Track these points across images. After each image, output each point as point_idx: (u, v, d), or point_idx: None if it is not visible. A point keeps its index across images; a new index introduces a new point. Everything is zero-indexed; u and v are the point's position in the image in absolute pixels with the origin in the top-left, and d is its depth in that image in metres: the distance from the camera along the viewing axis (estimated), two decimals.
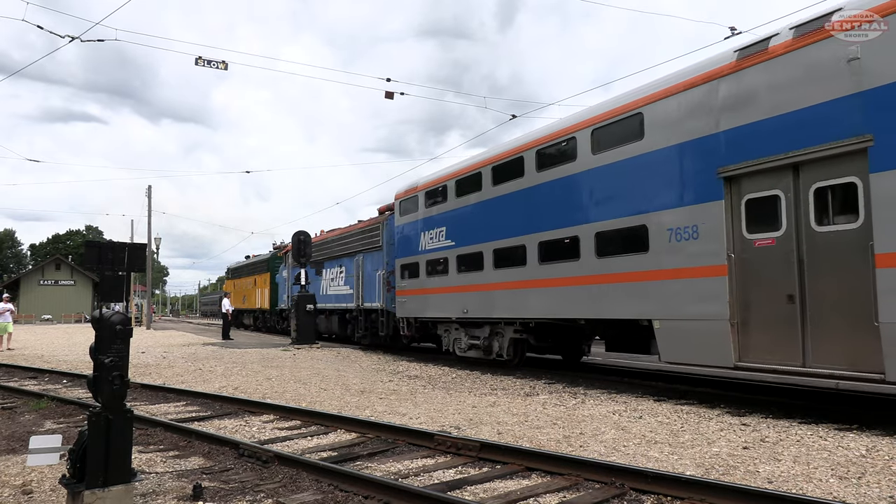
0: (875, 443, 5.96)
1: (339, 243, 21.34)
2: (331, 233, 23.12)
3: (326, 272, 22.32)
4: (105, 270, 4.50)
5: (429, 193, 15.16)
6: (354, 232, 20.24)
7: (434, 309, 14.66)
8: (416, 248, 15.43)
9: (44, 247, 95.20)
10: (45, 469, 5.39)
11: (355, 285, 19.51)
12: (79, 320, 55.95)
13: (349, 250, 20.43)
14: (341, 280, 20.98)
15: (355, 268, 19.65)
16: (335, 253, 21.59)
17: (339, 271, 21.18)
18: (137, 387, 10.32)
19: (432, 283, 14.73)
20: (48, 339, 25.83)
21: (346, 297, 20.47)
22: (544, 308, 11.07)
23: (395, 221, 16.89)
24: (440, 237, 14.45)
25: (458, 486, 4.85)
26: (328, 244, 22.45)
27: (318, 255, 22.57)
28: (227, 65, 14.09)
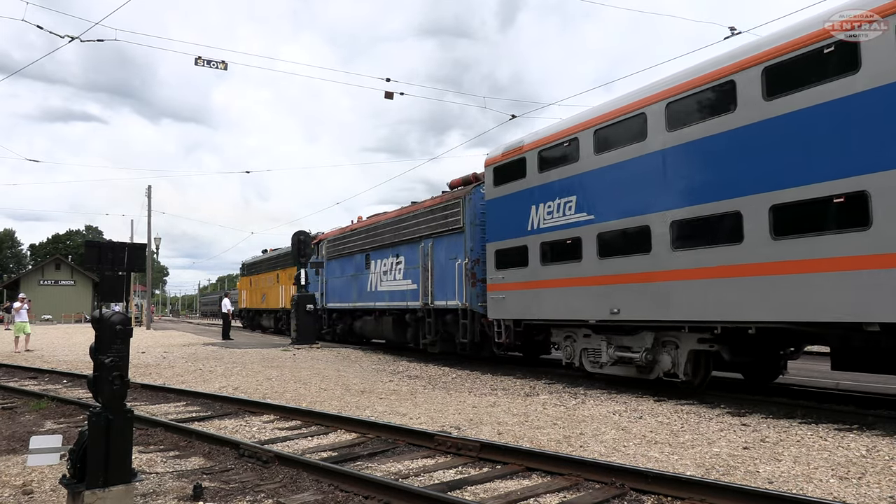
0: (875, 443, 5.96)
1: (394, 228, 17.10)
2: (377, 217, 18.91)
3: (375, 264, 18.01)
4: (105, 270, 4.50)
5: (546, 153, 11.32)
6: (420, 212, 15.88)
7: (552, 308, 11.00)
8: (522, 227, 11.66)
9: (44, 247, 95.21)
10: (45, 469, 5.39)
11: (421, 279, 15.30)
12: (79, 320, 55.95)
13: (411, 235, 16.10)
14: (398, 273, 16.76)
15: (421, 257, 15.35)
16: (388, 240, 17.33)
17: (395, 262, 16.94)
18: (137, 387, 10.32)
19: (550, 272, 11.03)
20: (48, 339, 25.83)
21: (405, 294, 16.24)
22: (778, 306, 7.42)
23: (483, 195, 13.29)
24: (566, 210, 10.72)
25: (458, 487, 4.85)
26: (376, 231, 18.23)
27: (361, 245, 19.03)
28: (226, 65, 14.09)
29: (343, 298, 20.58)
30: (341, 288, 20.71)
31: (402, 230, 16.64)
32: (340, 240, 20.93)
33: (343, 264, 20.56)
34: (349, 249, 19.99)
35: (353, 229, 19.93)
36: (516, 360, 15.05)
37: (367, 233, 18.81)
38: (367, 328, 19.25)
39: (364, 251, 18.92)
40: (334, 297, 21.42)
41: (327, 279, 21.86)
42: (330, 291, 21.69)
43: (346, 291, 20.19)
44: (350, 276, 19.81)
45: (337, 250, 21.18)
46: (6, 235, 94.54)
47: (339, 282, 20.93)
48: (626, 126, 9.71)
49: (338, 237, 21.16)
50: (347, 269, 20.08)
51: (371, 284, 18.37)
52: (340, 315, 21.45)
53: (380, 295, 17.81)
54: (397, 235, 16.85)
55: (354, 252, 19.52)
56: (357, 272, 19.30)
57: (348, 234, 20.27)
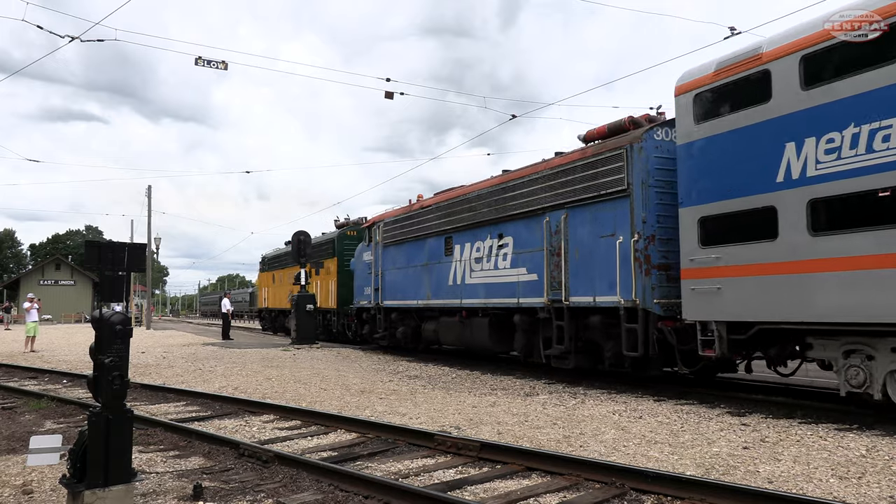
0: (875, 443, 5.96)
1: (494, 200, 12.75)
2: (457, 190, 14.68)
3: (461, 249, 13.79)
4: (105, 270, 4.50)
5: (821, 56, 7.27)
6: (543, 174, 11.50)
7: (834, 304, 6.97)
8: (765, 178, 7.70)
9: (44, 247, 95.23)
10: (45, 469, 5.38)
11: (546, 266, 11.12)
12: (79, 320, 55.91)
13: (526, 208, 11.80)
14: (501, 259, 12.49)
15: (545, 236, 11.22)
16: (483, 217, 13.04)
17: (495, 246, 12.71)
18: (137, 387, 10.32)
19: (832, 247, 7.01)
20: (48, 339, 25.83)
21: (513, 288, 12.05)
22: None
23: (662, 142, 9.60)
24: (877, 143, 6.64)
25: (458, 486, 4.85)
26: (463, 205, 13.84)
27: (437, 226, 14.85)
28: (226, 65, 14.08)
29: (407, 294, 16.17)
30: (405, 281, 16.35)
31: (508, 201, 12.34)
32: (404, 221, 16.64)
33: (408, 252, 16.27)
34: (417, 233, 15.77)
35: (425, 206, 15.65)
36: (517, 360, 13.37)
37: (448, 209, 14.42)
38: (445, 333, 14.68)
39: (442, 233, 14.61)
40: (394, 293, 16.87)
41: (383, 271, 17.39)
42: (388, 286, 17.15)
43: (413, 285, 15.92)
44: (419, 267, 15.62)
45: (398, 234, 16.78)
46: (6, 235, 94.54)
47: (400, 274, 16.62)
48: None
49: (400, 218, 16.89)
50: (415, 257, 15.90)
51: (454, 276, 14.07)
52: (403, 316, 16.73)
53: (469, 289, 13.48)
54: (501, 209, 12.53)
55: (426, 235, 15.33)
56: (431, 261, 15.07)
57: (416, 214, 16.01)
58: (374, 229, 18.26)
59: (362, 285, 18.92)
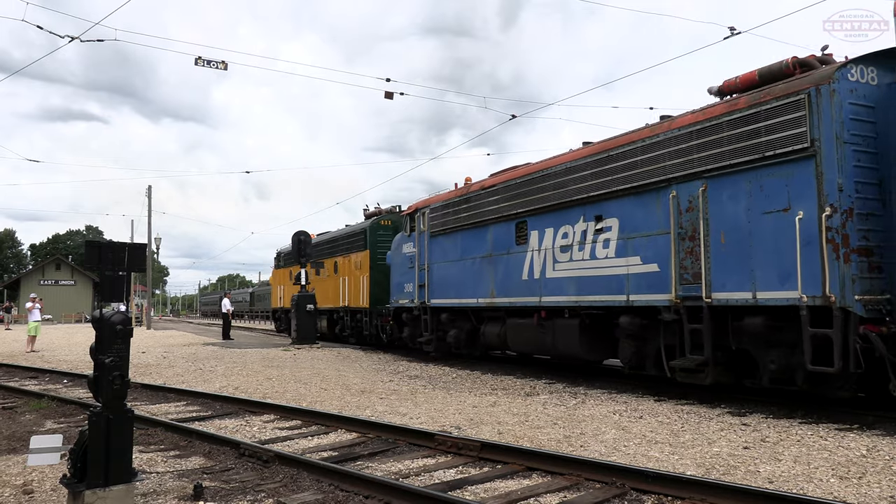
0: (875, 443, 5.96)
1: (590, 174, 10.27)
2: (529, 166, 12.27)
3: (539, 237, 11.32)
4: (105, 270, 4.50)
5: None
6: (665, 136, 8.98)
7: None
8: None
9: (44, 247, 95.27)
10: (45, 469, 5.39)
11: (671, 254, 8.74)
12: (79, 320, 55.93)
13: (639, 181, 9.28)
14: (600, 246, 9.95)
15: (670, 214, 8.78)
16: (572, 195, 10.56)
17: (590, 230, 10.16)
18: (138, 387, 10.32)
19: None
20: (49, 338, 25.83)
21: (623, 283, 9.52)
22: None
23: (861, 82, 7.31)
24: None
25: (458, 486, 4.85)
26: (543, 182, 11.32)
27: (504, 209, 12.31)
28: (226, 65, 14.09)
29: (462, 292, 13.61)
30: (458, 277, 13.78)
31: (611, 175, 9.79)
32: (457, 206, 13.98)
33: (463, 242, 13.72)
34: (476, 219, 13.21)
35: (487, 187, 13.05)
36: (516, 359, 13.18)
37: (522, 188, 11.90)
38: (515, 337, 12.20)
39: (513, 218, 12.07)
40: (444, 291, 14.41)
41: (430, 265, 14.90)
42: (436, 282, 14.69)
43: (470, 281, 13.34)
44: (479, 259, 13.09)
45: (449, 222, 14.21)
46: (6, 235, 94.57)
47: (452, 268, 14.06)
48: None
49: (452, 202, 14.23)
50: (473, 247, 13.36)
51: (529, 269, 11.59)
52: (455, 317, 14.33)
53: (551, 285, 11.05)
54: (600, 185, 9.99)
55: (489, 221, 12.76)
56: (496, 251, 12.54)
57: (475, 196, 13.44)
58: (418, 217, 15.62)
59: (402, 282, 16.38)
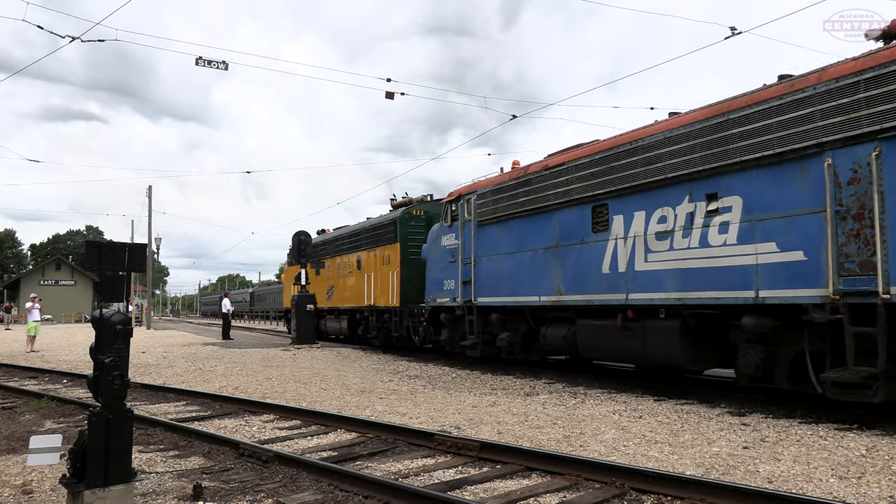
0: (875, 443, 5.96)
1: (692, 145, 8.61)
2: (609, 140, 10.27)
3: (624, 222, 9.57)
4: (105, 270, 4.50)
5: None
6: (814, 90, 7.12)
7: None
8: None
9: (44, 247, 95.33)
10: (45, 469, 5.39)
11: (828, 238, 6.96)
12: (79, 320, 55.94)
13: (770, 149, 7.62)
14: (714, 231, 8.31)
15: (826, 189, 6.99)
16: (671, 171, 8.84)
17: (701, 212, 8.48)
18: (137, 386, 10.32)
19: None
20: (48, 338, 25.84)
21: (748, 275, 7.85)
22: None
23: None
24: None
25: (458, 486, 4.85)
26: (622, 159, 9.65)
27: (574, 192, 10.50)
28: (227, 65, 14.10)
29: (519, 288, 11.86)
30: (514, 271, 11.99)
31: (729, 143, 8.06)
32: (514, 190, 12.07)
33: (520, 231, 11.91)
34: (538, 203, 11.33)
35: (552, 166, 11.09)
36: (516, 359, 12.59)
37: (601, 165, 10.03)
38: (590, 341, 10.40)
39: (588, 201, 10.20)
40: (495, 287, 12.55)
41: (477, 258, 13.05)
42: (484, 278, 12.86)
43: (529, 276, 11.56)
44: (542, 251, 11.28)
45: (503, 208, 12.32)
46: (6, 235, 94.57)
47: (506, 262, 12.25)
48: None
49: (506, 186, 12.33)
50: (532, 237, 11.54)
51: (612, 260, 9.77)
52: (508, 317, 12.56)
53: (642, 278, 9.21)
54: (712, 156, 8.25)
55: (555, 206, 10.92)
56: (565, 241, 10.72)
57: (535, 177, 11.47)
58: (461, 204, 13.81)
59: (440, 278, 14.57)
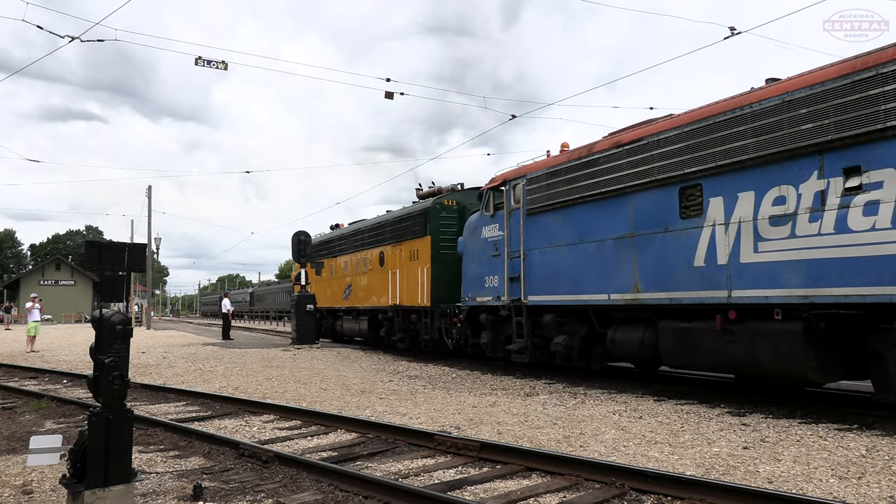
0: (875, 443, 5.96)
1: (825, 108, 6.96)
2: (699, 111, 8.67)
3: (727, 206, 8.10)
4: (105, 270, 4.50)
5: None
6: None
7: None
8: None
9: (44, 247, 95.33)
10: (45, 469, 5.39)
11: None
12: (79, 320, 55.94)
13: None
14: (856, 214, 6.71)
15: None
16: (792, 143, 7.33)
17: (836, 190, 6.95)
18: (137, 387, 10.32)
19: None
20: (48, 339, 25.83)
21: None
22: None
23: None
24: None
25: (458, 486, 4.85)
26: (721, 129, 8.13)
27: (650, 172, 9.12)
28: (226, 65, 14.10)
29: (580, 285, 10.31)
30: (575, 265, 10.44)
31: (879, 102, 6.52)
32: (571, 172, 10.55)
33: (582, 219, 10.32)
34: (606, 187, 9.81)
35: (625, 143, 9.57)
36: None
37: (689, 139, 8.52)
38: (679, 346, 8.88)
39: (675, 181, 8.72)
40: (550, 284, 10.96)
41: (527, 251, 11.47)
42: (536, 274, 11.27)
43: (594, 271, 10.04)
44: (610, 241, 9.76)
45: (560, 194, 10.74)
46: (6, 235, 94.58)
47: (564, 255, 10.68)
48: None
49: (562, 168, 10.76)
50: (598, 226, 10.00)
51: (708, 251, 8.29)
52: (564, 318, 11.06)
53: (750, 272, 7.84)
54: (854, 120, 6.79)
55: (629, 189, 9.42)
56: (643, 229, 9.20)
57: (602, 157, 9.95)
58: (507, 191, 12.22)
59: (481, 274, 12.99)
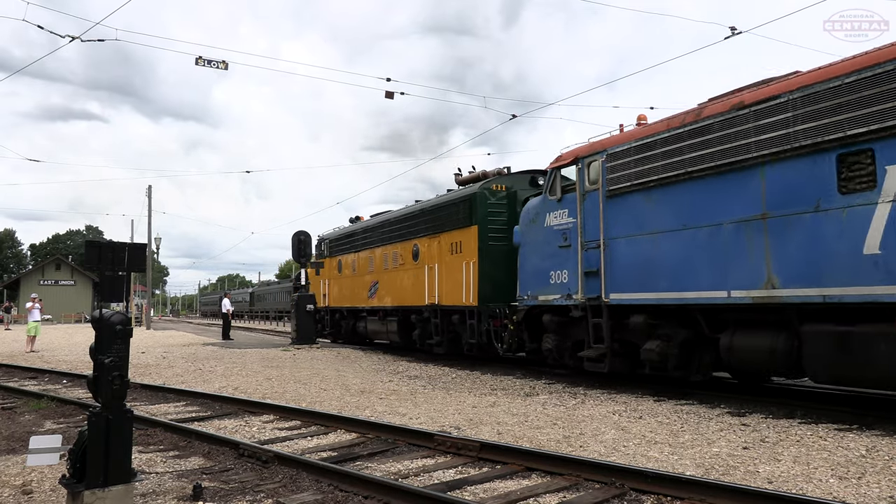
0: (875, 443, 5.96)
1: None
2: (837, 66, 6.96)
3: None
4: (105, 270, 4.49)
5: None
6: None
7: None
8: None
9: (44, 247, 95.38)
10: (45, 469, 5.39)
11: None
12: (79, 320, 55.94)
13: None
14: None
15: None
16: None
17: None
18: (137, 387, 10.32)
19: None
20: (48, 339, 25.83)
21: None
22: None
23: None
24: None
25: (458, 486, 4.85)
26: None
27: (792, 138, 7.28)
28: (227, 65, 14.10)
29: (684, 281, 8.64)
30: (676, 256, 8.76)
31: None
32: (671, 143, 8.87)
33: (688, 200, 8.66)
34: (722, 159, 8.12)
35: (750, 103, 7.88)
36: (517, 360, 13.20)
37: (846, 93, 6.84)
38: (827, 355, 7.11)
39: (831, 147, 6.97)
40: (642, 279, 9.27)
41: (609, 241, 9.79)
42: (621, 266, 9.60)
43: (707, 263, 8.35)
44: (730, 226, 8.06)
45: (656, 170, 9.08)
46: (6, 235, 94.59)
47: (663, 244, 8.98)
48: None
49: (659, 138, 9.06)
50: (711, 208, 8.31)
51: (884, 236, 6.53)
52: (660, 319, 9.23)
53: None
54: None
55: (758, 160, 7.74)
56: (781, 209, 7.51)
57: (716, 121, 8.24)
58: (582, 170, 10.34)
59: (544, 268, 11.26)
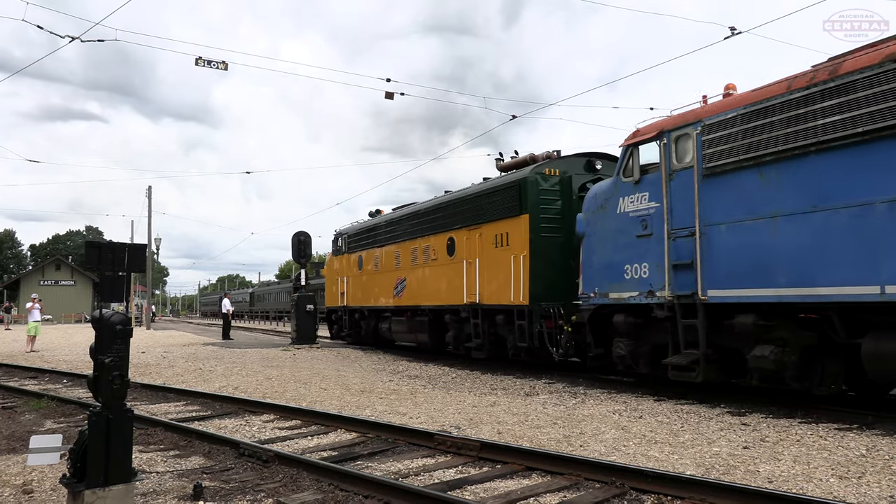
0: (875, 442, 5.96)
1: None
2: None
3: None
4: (105, 271, 4.50)
5: None
6: None
7: None
8: None
9: (44, 247, 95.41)
10: (45, 468, 5.39)
11: None
12: (79, 320, 55.94)
13: None
14: None
15: None
16: None
17: None
18: (137, 386, 10.32)
19: None
20: (48, 339, 25.84)
21: None
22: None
23: None
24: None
25: (458, 486, 4.85)
26: None
27: None
28: (227, 65, 14.11)
29: (813, 274, 6.93)
30: (804, 244, 7.03)
31: None
32: (793, 107, 7.14)
33: (816, 175, 6.92)
34: (868, 124, 6.39)
35: None
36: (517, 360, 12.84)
37: None
38: None
39: None
40: (751, 272, 7.55)
41: (706, 228, 8.08)
42: (722, 258, 7.91)
43: (847, 252, 6.59)
44: (882, 206, 6.30)
45: (771, 141, 7.34)
46: (6, 236, 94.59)
47: (781, 230, 7.25)
48: None
49: (776, 101, 7.32)
50: (851, 185, 6.60)
51: None
52: (774, 321, 7.52)
53: None
54: None
55: None
56: None
57: (863, 76, 6.48)
58: (668, 145, 8.83)
59: (617, 260, 9.68)
